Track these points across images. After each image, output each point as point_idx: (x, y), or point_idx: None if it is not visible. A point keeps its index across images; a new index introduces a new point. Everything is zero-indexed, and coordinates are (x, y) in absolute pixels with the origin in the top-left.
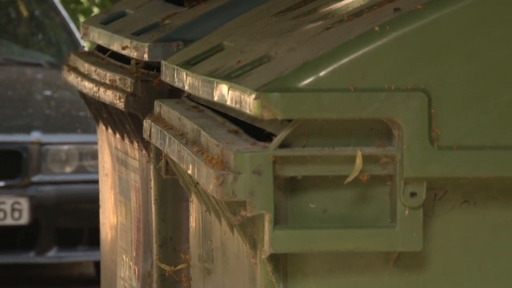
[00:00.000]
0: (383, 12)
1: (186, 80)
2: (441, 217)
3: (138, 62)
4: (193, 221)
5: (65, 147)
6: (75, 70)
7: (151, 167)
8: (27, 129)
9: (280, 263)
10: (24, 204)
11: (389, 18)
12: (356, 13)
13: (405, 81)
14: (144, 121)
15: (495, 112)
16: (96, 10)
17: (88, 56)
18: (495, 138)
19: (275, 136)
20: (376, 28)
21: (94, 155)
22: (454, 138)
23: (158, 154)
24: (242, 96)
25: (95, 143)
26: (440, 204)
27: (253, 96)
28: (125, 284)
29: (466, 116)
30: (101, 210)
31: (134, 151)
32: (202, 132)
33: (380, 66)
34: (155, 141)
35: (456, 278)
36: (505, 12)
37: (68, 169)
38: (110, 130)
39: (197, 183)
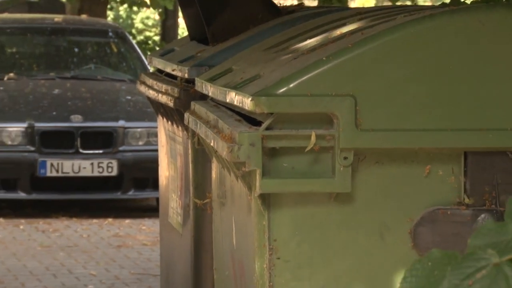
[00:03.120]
0: (328, 49)
1: (210, 89)
2: (362, 171)
3: (181, 78)
4: (214, 174)
5: (139, 129)
6: (144, 83)
7: (189, 141)
8: (116, 119)
9: (266, 199)
10: (114, 163)
11: (331, 52)
12: (312, 49)
13: (341, 90)
14: (185, 114)
15: (395, 109)
16: (157, 48)
17: (152, 75)
18: (395, 124)
19: (263, 122)
20: (324, 58)
21: (156, 134)
22: (370, 124)
23: (193, 133)
24: (243, 99)
25: (156, 127)
26: (361, 164)
27: (250, 98)
28: (173, 211)
29: (378, 111)
30: (159, 167)
31: (179, 132)
32: (219, 121)
33: (326, 81)
34: (191, 125)
35: (372, 207)
36: (404, 49)
37: (140, 142)
38: (165, 119)
39: (216, 151)
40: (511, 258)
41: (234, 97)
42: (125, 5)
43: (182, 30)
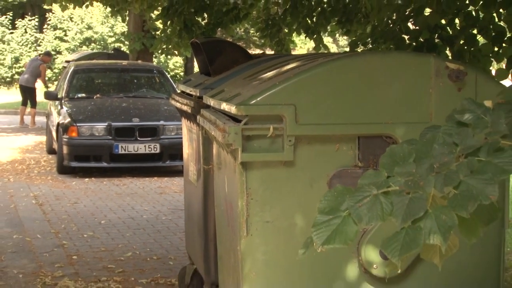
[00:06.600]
0: (280, 78)
1: (212, 102)
2: (300, 147)
3: (195, 96)
4: (214, 150)
5: (172, 126)
6: (174, 99)
7: (200, 132)
8: (158, 120)
9: (244, 165)
10: (158, 145)
11: (281, 79)
12: (270, 78)
13: (287, 101)
14: (197, 116)
15: (319, 112)
16: (181, 79)
17: (178, 94)
18: (319, 121)
19: (242, 120)
20: (277, 83)
21: (181, 129)
22: (304, 121)
23: (202, 128)
24: (230, 107)
25: (181, 124)
26: (300, 144)
27: (234, 107)
28: (192, 173)
29: (308, 114)
30: (183, 147)
31: (194, 127)
32: (217, 120)
33: (278, 96)
34: (201, 123)
35: (305, 169)
36: (324, 78)
37: (173, 133)
38: (186, 120)
39: (215, 137)
40: (384, 191)
41: (225, 106)
42: (163, 55)
43: (196, 68)
